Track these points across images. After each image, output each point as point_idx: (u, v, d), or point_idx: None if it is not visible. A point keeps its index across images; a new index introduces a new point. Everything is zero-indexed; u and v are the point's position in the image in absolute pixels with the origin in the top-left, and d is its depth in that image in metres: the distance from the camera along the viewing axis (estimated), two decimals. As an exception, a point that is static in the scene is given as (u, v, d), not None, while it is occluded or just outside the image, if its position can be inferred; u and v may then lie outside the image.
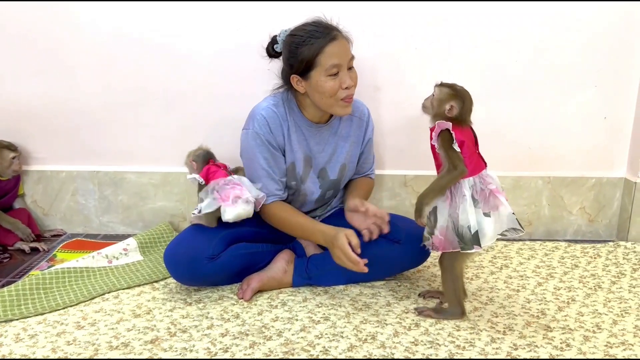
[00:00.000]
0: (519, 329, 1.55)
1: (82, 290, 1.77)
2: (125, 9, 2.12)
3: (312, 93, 1.71)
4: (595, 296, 1.76)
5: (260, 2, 2.10)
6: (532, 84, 2.18)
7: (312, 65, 1.66)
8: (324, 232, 1.69)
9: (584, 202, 2.29)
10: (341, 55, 1.67)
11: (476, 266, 1.98)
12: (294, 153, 1.80)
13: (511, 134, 2.23)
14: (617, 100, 2.21)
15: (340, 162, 1.86)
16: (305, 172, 1.83)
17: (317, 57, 1.65)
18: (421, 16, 2.11)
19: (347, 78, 1.68)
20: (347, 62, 1.69)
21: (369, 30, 2.12)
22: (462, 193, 1.48)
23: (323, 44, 1.64)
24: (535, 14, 2.11)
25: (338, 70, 1.66)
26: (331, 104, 1.70)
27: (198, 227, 1.77)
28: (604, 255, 2.09)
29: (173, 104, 2.21)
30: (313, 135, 1.82)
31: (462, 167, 1.47)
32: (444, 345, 1.46)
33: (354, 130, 1.87)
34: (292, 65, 1.70)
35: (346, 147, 1.87)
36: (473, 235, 1.46)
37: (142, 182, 2.29)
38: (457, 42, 2.14)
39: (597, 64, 2.16)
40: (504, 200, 1.49)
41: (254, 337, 1.49)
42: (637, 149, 2.20)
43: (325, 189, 1.88)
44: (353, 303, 1.70)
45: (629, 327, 1.57)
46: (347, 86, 1.68)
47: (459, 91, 1.53)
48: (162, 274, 1.88)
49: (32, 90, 2.21)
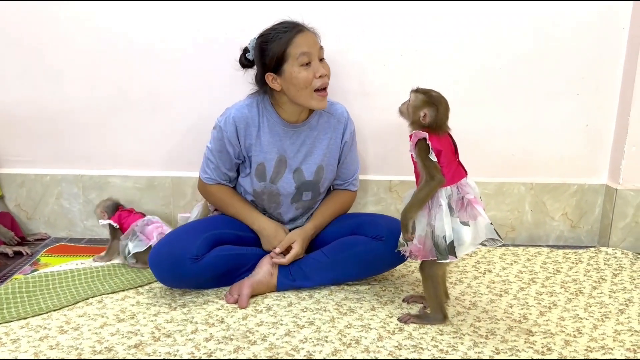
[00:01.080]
0: (502, 333, 1.57)
1: (66, 294, 1.76)
2: (110, 11, 2.12)
3: (288, 87, 1.74)
4: (577, 301, 1.78)
5: (246, 3, 2.10)
6: (516, 92, 2.22)
7: (283, 59, 1.71)
8: (261, 225, 1.86)
9: (566, 208, 2.32)
10: (310, 44, 1.72)
11: (459, 271, 2.00)
12: (264, 154, 1.82)
13: (495, 140, 2.26)
14: (598, 108, 2.25)
15: (316, 163, 1.87)
16: (278, 172, 1.84)
17: (287, 50, 1.70)
18: (407, 23, 2.14)
19: (320, 67, 1.73)
20: (317, 52, 1.74)
21: (356, 36, 2.14)
22: (438, 202, 1.49)
23: (290, 36, 1.71)
24: (519, 24, 2.15)
25: (309, 60, 1.71)
26: (307, 95, 1.74)
27: (182, 229, 1.79)
28: (585, 260, 2.12)
29: (158, 108, 2.21)
30: (289, 136, 1.83)
31: (439, 177, 1.47)
32: (427, 350, 1.47)
33: (331, 132, 1.88)
34: (264, 63, 1.74)
35: (322, 148, 1.87)
36: (448, 245, 1.47)
37: (127, 186, 2.28)
38: (442, 50, 2.17)
39: (579, 73, 2.20)
40: (482, 211, 1.50)
41: (238, 342, 1.49)
42: (618, 156, 2.24)
43: (301, 189, 1.88)
44: (338, 307, 1.70)
45: (609, 331, 1.59)
46: (320, 74, 1.72)
47: (433, 97, 1.53)
48: (146, 279, 1.88)
49: (15, 92, 2.20)
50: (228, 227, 1.85)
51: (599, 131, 2.27)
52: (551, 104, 2.23)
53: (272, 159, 1.83)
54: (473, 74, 2.19)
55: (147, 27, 2.13)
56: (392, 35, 2.14)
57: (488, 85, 2.21)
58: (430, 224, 1.50)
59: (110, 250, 2.05)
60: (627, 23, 2.16)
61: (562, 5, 2.13)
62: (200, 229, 1.79)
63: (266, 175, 1.84)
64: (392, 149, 2.24)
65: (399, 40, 2.15)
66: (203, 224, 1.85)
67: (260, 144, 1.82)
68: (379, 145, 2.25)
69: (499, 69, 2.19)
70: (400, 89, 2.15)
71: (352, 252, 1.78)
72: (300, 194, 1.89)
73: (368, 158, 2.25)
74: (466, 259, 2.11)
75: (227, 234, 1.82)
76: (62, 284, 1.82)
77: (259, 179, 1.85)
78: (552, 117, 2.24)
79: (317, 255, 1.83)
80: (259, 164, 1.83)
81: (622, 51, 2.19)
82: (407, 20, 2.13)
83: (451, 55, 2.17)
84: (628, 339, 1.55)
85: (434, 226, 1.49)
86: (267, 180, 1.85)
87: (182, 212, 2.23)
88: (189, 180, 2.25)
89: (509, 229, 2.33)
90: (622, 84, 2.21)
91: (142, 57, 2.16)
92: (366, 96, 2.19)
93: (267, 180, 1.85)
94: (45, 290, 1.77)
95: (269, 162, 1.83)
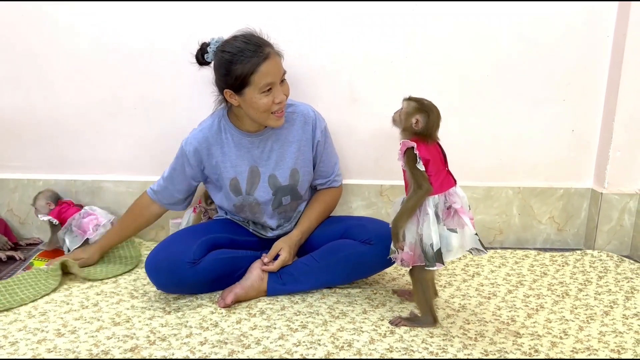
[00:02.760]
0: (490, 335, 1.61)
1: (39, 284, 1.83)
2: (103, 17, 2.13)
3: (247, 108, 1.75)
4: (563, 303, 1.83)
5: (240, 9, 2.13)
6: (503, 98, 2.26)
7: (246, 84, 1.69)
8: None
9: (553, 212, 2.37)
10: (275, 74, 1.71)
11: (449, 274, 2.04)
12: (234, 167, 1.84)
13: (482, 146, 2.30)
14: (584, 114, 2.30)
15: (289, 167, 1.88)
16: (253, 182, 1.86)
17: (252, 76, 1.68)
18: (397, 31, 2.17)
19: (280, 93, 1.73)
20: (280, 77, 1.73)
21: (346, 42, 2.16)
22: (425, 211, 1.52)
23: (257, 62, 1.67)
24: (505, 31, 2.19)
25: (272, 87, 1.71)
26: (265, 117, 1.76)
27: (178, 235, 1.82)
28: (571, 263, 2.17)
29: (151, 113, 2.23)
30: (255, 145, 1.85)
31: (427, 185, 1.50)
32: (417, 352, 1.50)
33: (299, 134, 1.88)
34: (225, 81, 1.73)
35: (293, 151, 1.88)
36: (436, 253, 1.50)
37: (119, 191, 2.29)
38: (431, 57, 2.20)
39: (565, 79, 2.25)
40: (469, 221, 1.53)
41: (232, 346, 1.52)
42: (603, 160, 2.29)
43: (279, 195, 1.89)
44: (330, 311, 1.73)
45: (594, 333, 1.63)
46: (279, 101, 1.73)
47: (425, 105, 1.56)
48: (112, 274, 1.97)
49: (7, 98, 2.21)
50: (223, 232, 1.88)
51: (584, 136, 2.32)
52: (538, 110, 2.28)
53: (244, 172, 1.85)
54: (461, 81, 2.23)
55: (139, 33, 2.15)
56: (382, 43, 2.18)
57: (476, 91, 2.25)
58: (418, 231, 1.54)
59: (50, 245, 2.16)
60: (612, 30, 2.20)
61: (548, 13, 2.17)
62: (197, 233, 1.82)
63: (241, 188, 1.86)
64: (382, 153, 2.27)
65: (389, 48, 2.18)
66: (199, 229, 1.88)
67: (229, 159, 1.84)
68: (370, 150, 2.28)
69: (487, 76, 2.23)
70: (390, 95, 2.20)
71: (342, 256, 1.81)
72: (279, 199, 1.91)
73: (359, 163, 2.28)
74: (455, 262, 2.15)
75: (222, 238, 1.86)
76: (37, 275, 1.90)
77: (235, 194, 1.87)
78: (539, 123, 2.29)
79: (306, 260, 1.86)
80: (231, 179, 1.85)
81: (607, 58, 2.24)
82: (397, 28, 2.17)
83: (440, 62, 2.21)
84: (612, 340, 1.59)
85: (421, 234, 1.52)
86: (244, 193, 1.87)
87: (173, 219, 2.25)
88: (181, 185, 2.27)
89: (497, 232, 2.37)
90: (606, 90, 2.26)
91: (134, 62, 2.18)
92: (356, 102, 2.22)
93: (244, 193, 1.87)
94: (26, 282, 1.85)
95: (241, 174, 1.85)
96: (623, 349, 1.54)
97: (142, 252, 2.18)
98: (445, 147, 1.62)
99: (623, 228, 2.30)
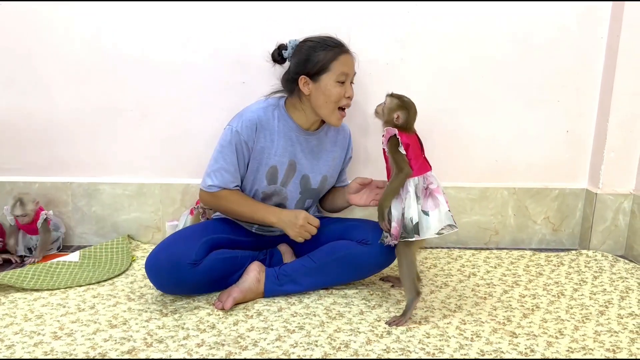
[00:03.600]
0: (486, 335, 1.61)
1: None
2: (99, 21, 2.13)
3: (317, 96, 1.81)
4: (559, 303, 1.84)
5: (235, 14, 2.13)
6: (499, 99, 2.27)
7: (326, 69, 1.79)
8: (280, 218, 1.84)
9: (548, 212, 2.38)
10: (351, 67, 1.83)
11: (445, 274, 2.05)
12: (277, 157, 1.86)
13: (478, 147, 2.32)
14: (578, 115, 2.31)
15: (322, 172, 1.94)
16: (289, 176, 1.89)
17: (332, 63, 1.79)
18: (392, 33, 2.18)
19: (351, 89, 1.83)
20: (352, 76, 1.84)
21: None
22: (407, 190, 1.65)
23: (339, 52, 1.80)
24: (501, 32, 2.20)
25: (345, 80, 1.80)
26: (331, 110, 1.83)
27: (178, 235, 1.82)
28: (567, 263, 2.18)
29: (147, 116, 2.23)
30: (300, 142, 1.89)
31: (407, 169, 1.64)
32: (414, 352, 1.51)
33: (338, 146, 1.99)
34: (305, 66, 1.80)
35: (329, 160, 1.96)
36: (414, 226, 1.63)
37: (116, 193, 2.29)
38: (426, 58, 2.22)
39: (560, 81, 2.26)
40: (443, 199, 1.66)
41: (229, 347, 1.52)
42: (598, 161, 2.30)
43: (306, 196, 1.94)
44: (327, 312, 1.74)
45: (589, 332, 1.64)
46: (349, 95, 1.82)
47: (405, 102, 1.72)
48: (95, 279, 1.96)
49: (4, 100, 2.21)
50: (223, 232, 1.88)
51: (579, 137, 2.34)
52: (533, 111, 2.29)
53: (284, 163, 1.88)
54: (456, 82, 2.24)
55: (136, 37, 2.15)
56: (377, 45, 2.19)
57: (471, 92, 2.26)
58: (402, 207, 1.66)
59: (45, 248, 2.18)
60: (605, 32, 2.22)
61: (543, 15, 2.19)
62: (197, 234, 1.82)
63: (277, 178, 1.89)
64: (378, 154, 2.27)
65: (384, 50, 2.19)
66: (199, 229, 1.87)
67: (275, 147, 1.86)
68: (366, 151, 2.29)
69: (482, 77, 2.24)
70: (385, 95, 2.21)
71: (339, 257, 1.82)
72: (303, 200, 1.95)
73: (354, 163, 2.28)
74: (452, 262, 2.16)
75: (222, 239, 1.86)
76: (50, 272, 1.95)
77: (270, 182, 1.89)
78: (534, 124, 2.30)
79: (304, 261, 1.86)
80: (271, 167, 1.87)
81: (601, 60, 2.25)
82: (392, 30, 2.18)
83: (435, 63, 2.22)
84: (607, 339, 1.60)
85: (403, 210, 1.65)
86: (278, 184, 1.89)
87: (170, 220, 2.25)
88: (178, 187, 2.28)
89: (493, 233, 2.38)
90: (601, 91, 2.28)
91: (131, 65, 2.18)
92: (353, 104, 2.22)
93: (278, 184, 1.89)
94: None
95: (282, 165, 1.88)
96: (618, 349, 1.55)
97: (134, 255, 2.18)
98: (441, 148, 1.65)
99: (617, 228, 2.31)
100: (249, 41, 2.15)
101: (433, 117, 2.22)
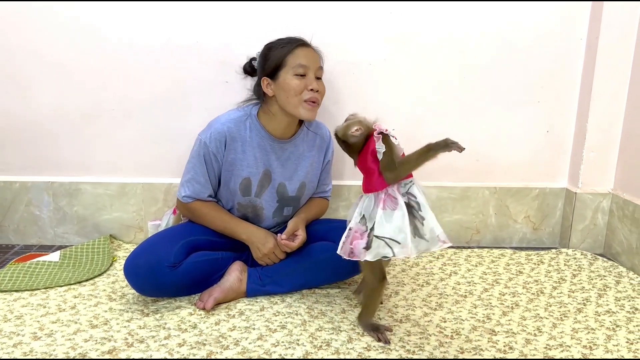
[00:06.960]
0: (466, 333, 1.63)
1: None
2: (80, 18, 2.12)
3: (279, 93, 1.78)
4: (538, 301, 1.86)
5: (220, 12, 2.13)
6: (479, 100, 2.29)
7: (281, 65, 1.77)
8: (250, 235, 1.85)
9: (528, 211, 2.41)
10: (309, 59, 1.78)
11: (427, 273, 2.07)
12: (250, 168, 1.84)
13: (460, 146, 2.33)
14: (558, 115, 2.34)
15: (300, 179, 1.92)
16: (263, 186, 1.87)
17: (286, 57, 1.76)
18: (374, 34, 2.19)
19: (313, 82, 1.78)
20: (315, 70, 1.79)
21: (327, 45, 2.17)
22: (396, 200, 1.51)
23: (293, 47, 1.78)
24: (481, 34, 2.22)
25: (305, 73, 1.76)
26: (295, 104, 1.77)
27: (158, 237, 1.80)
28: (546, 261, 2.21)
29: (130, 115, 2.22)
30: (275, 151, 1.86)
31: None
32: (395, 350, 1.52)
33: (316, 151, 1.95)
34: (264, 68, 1.80)
35: (306, 166, 1.93)
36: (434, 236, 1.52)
37: (97, 193, 2.28)
38: (409, 60, 2.23)
39: (539, 82, 2.29)
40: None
41: (211, 347, 1.52)
42: (577, 161, 2.33)
43: (283, 204, 1.93)
44: (309, 311, 1.74)
45: (567, 329, 1.67)
46: (312, 88, 1.77)
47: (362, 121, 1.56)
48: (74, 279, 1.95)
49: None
50: (202, 234, 1.87)
51: (559, 137, 2.36)
52: (513, 112, 2.32)
53: (258, 173, 1.86)
54: (439, 84, 2.26)
55: (118, 35, 2.14)
56: (360, 45, 2.20)
57: (452, 93, 2.28)
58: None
59: None
60: (585, 34, 2.25)
61: (523, 16, 2.21)
62: (177, 236, 1.81)
63: (251, 189, 1.87)
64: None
65: (367, 51, 2.20)
66: (178, 231, 1.86)
67: (247, 158, 1.84)
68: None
69: (463, 78, 2.26)
70: (370, 97, 2.23)
71: (321, 258, 1.82)
72: (281, 208, 1.93)
73: (339, 164, 2.29)
74: (433, 261, 2.18)
75: (201, 240, 1.84)
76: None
77: (243, 193, 1.87)
78: (514, 124, 2.33)
79: (286, 262, 1.87)
80: (244, 179, 1.85)
81: (580, 61, 2.28)
82: (374, 31, 2.19)
83: (417, 64, 2.23)
84: (585, 336, 1.63)
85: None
86: (252, 195, 1.87)
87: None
88: (160, 186, 2.27)
89: (474, 232, 2.40)
90: (580, 91, 2.31)
91: (113, 63, 2.17)
92: (336, 104, 2.23)
93: (252, 195, 1.87)
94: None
95: (255, 176, 1.85)
96: (595, 345, 1.58)
97: (116, 255, 2.17)
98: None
99: (597, 227, 2.34)
100: (232, 41, 2.15)
101: (416, 118, 2.24)
